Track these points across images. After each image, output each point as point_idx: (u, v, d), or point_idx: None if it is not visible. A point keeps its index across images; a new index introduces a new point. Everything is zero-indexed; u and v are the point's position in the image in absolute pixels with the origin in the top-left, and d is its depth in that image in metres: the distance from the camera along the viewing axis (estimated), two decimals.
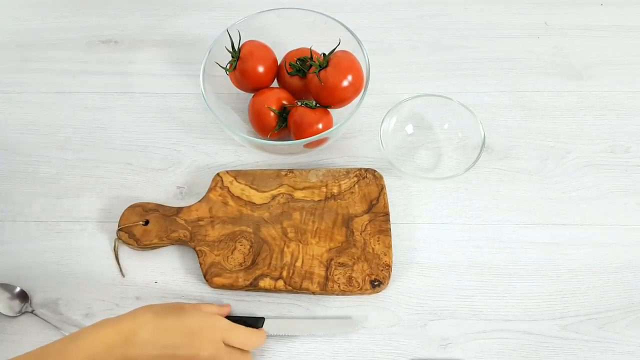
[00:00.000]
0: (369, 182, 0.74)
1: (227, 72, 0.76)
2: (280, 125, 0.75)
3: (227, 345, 0.59)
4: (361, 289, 0.67)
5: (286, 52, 0.79)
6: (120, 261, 0.72)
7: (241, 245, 0.70)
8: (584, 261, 0.71)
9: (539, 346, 0.66)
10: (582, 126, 0.81)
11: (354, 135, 0.81)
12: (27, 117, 0.84)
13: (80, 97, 0.73)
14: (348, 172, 0.75)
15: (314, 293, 0.68)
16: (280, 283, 0.68)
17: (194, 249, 0.70)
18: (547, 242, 0.72)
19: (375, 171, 0.75)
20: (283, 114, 0.75)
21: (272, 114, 0.74)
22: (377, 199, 0.73)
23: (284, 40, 0.80)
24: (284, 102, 0.75)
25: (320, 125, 0.73)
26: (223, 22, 0.85)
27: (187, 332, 0.56)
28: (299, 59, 0.77)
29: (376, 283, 0.68)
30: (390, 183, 0.76)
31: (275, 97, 0.75)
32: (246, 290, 0.69)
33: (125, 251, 0.72)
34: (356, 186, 0.74)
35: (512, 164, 0.78)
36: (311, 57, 0.76)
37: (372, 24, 0.92)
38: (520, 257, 0.71)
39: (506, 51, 0.88)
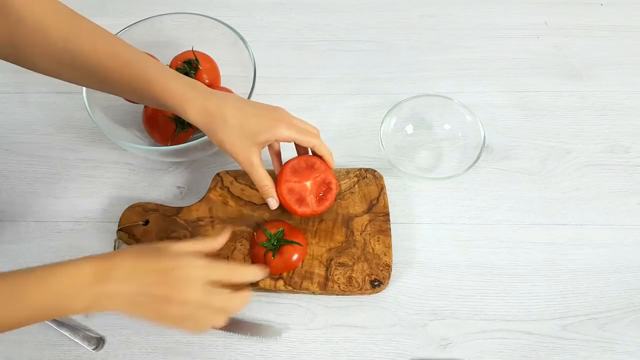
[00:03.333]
0: (369, 182, 0.74)
1: None
2: (181, 130, 0.74)
3: (213, 285, 0.55)
4: (361, 289, 0.67)
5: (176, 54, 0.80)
6: None
7: (241, 245, 0.70)
8: (584, 261, 0.71)
9: (539, 346, 0.66)
10: (582, 126, 0.81)
11: (354, 135, 0.81)
12: (27, 117, 0.84)
13: (81, 97, 0.73)
14: (348, 172, 0.75)
15: (314, 293, 0.68)
16: (280, 283, 0.68)
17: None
18: (547, 242, 0.72)
19: (375, 171, 0.75)
20: (180, 119, 0.74)
21: (167, 121, 0.73)
22: (377, 199, 0.73)
23: (176, 43, 0.81)
24: None
25: None
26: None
27: (162, 271, 0.54)
28: (184, 62, 0.77)
29: (376, 283, 0.68)
30: (390, 183, 0.76)
31: None
32: None
33: None
34: (356, 186, 0.74)
35: (512, 164, 0.78)
36: (196, 59, 0.77)
37: (372, 24, 0.92)
38: (520, 257, 0.71)
39: (506, 51, 0.88)
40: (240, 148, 0.63)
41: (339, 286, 0.68)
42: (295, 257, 0.67)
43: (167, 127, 0.74)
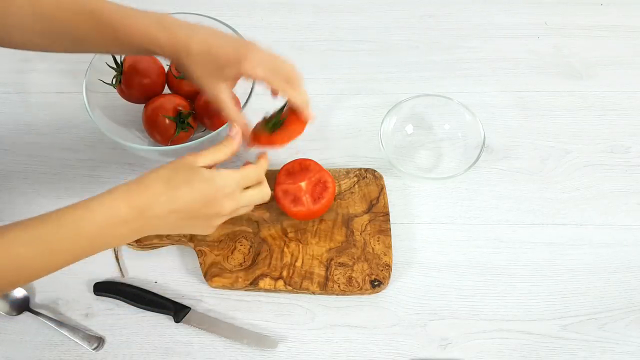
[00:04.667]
0: (369, 182, 0.74)
1: (114, 87, 0.75)
2: (181, 130, 0.73)
3: (243, 189, 0.59)
4: (361, 289, 0.67)
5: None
6: (120, 261, 0.72)
7: (241, 245, 0.70)
8: (584, 261, 0.71)
9: (539, 346, 0.66)
10: (582, 126, 0.81)
11: (354, 135, 0.81)
12: (27, 117, 0.84)
13: (80, 97, 0.73)
14: (348, 172, 0.75)
15: (314, 293, 0.68)
16: (280, 283, 0.68)
17: (194, 249, 0.70)
18: (547, 242, 0.72)
19: (375, 171, 0.75)
20: (180, 119, 0.73)
21: (167, 121, 0.73)
22: (377, 198, 0.73)
23: None
24: (179, 107, 0.73)
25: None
26: None
27: (202, 198, 0.55)
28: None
29: (376, 283, 0.68)
30: (390, 183, 0.76)
31: (170, 104, 0.73)
32: (246, 290, 0.69)
33: (125, 251, 0.72)
34: (356, 186, 0.74)
35: (512, 164, 0.78)
36: None
37: (372, 24, 0.92)
38: (520, 257, 0.71)
39: (506, 51, 0.88)
40: (207, 82, 0.60)
41: (339, 286, 0.67)
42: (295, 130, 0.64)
43: (167, 127, 0.74)
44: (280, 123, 0.64)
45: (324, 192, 0.69)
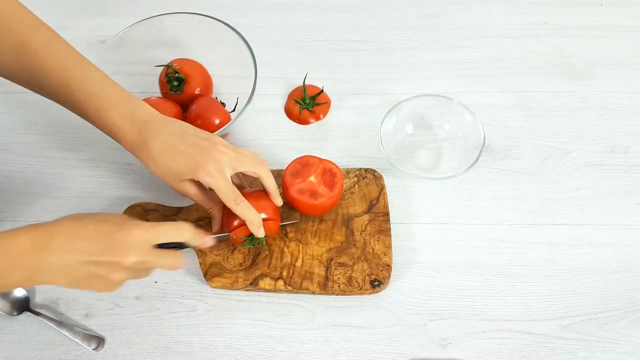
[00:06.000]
0: (369, 182, 0.74)
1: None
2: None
3: (155, 247, 0.55)
4: (361, 289, 0.67)
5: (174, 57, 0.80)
6: None
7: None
8: (584, 261, 0.71)
9: (539, 346, 0.66)
10: (582, 126, 0.81)
11: (354, 135, 0.81)
12: (27, 117, 0.84)
13: None
14: (348, 172, 0.75)
15: (313, 293, 0.68)
16: (280, 283, 0.68)
17: (194, 249, 0.70)
18: (547, 242, 0.72)
19: (375, 171, 0.75)
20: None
21: None
22: (377, 199, 0.73)
23: (176, 43, 0.81)
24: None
25: (217, 121, 0.75)
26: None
27: (106, 236, 0.51)
28: (169, 76, 0.78)
29: (376, 283, 0.68)
30: (390, 183, 0.76)
31: (169, 109, 0.76)
32: (246, 290, 0.69)
33: None
34: (356, 186, 0.74)
35: (512, 164, 0.78)
36: (176, 75, 0.77)
37: (372, 24, 0.92)
38: (520, 257, 0.71)
39: (506, 51, 0.88)
40: (168, 180, 0.62)
41: (339, 286, 0.68)
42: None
43: None
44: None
45: (334, 178, 0.70)
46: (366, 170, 0.75)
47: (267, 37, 0.90)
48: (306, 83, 0.83)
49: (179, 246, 0.59)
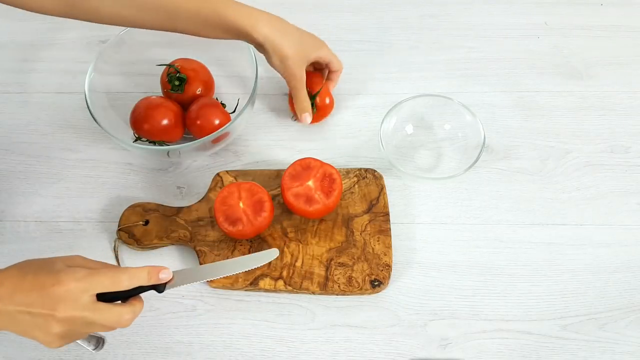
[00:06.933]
0: (369, 182, 0.74)
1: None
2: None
3: (98, 300, 0.52)
4: (361, 289, 0.67)
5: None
6: (120, 261, 0.72)
7: (241, 245, 0.70)
8: (584, 261, 0.71)
9: (539, 346, 0.66)
10: (582, 126, 0.81)
11: (354, 135, 0.81)
12: (27, 117, 0.84)
13: (81, 97, 0.73)
14: (348, 172, 0.75)
15: (313, 293, 0.68)
16: (280, 283, 0.68)
17: (194, 249, 0.70)
18: (547, 242, 0.72)
19: (375, 171, 0.75)
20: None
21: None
22: (377, 199, 0.73)
23: (176, 43, 0.80)
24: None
25: (217, 121, 0.75)
26: None
27: (41, 289, 0.50)
28: (171, 76, 0.78)
29: (376, 283, 0.68)
30: (390, 183, 0.76)
31: (169, 108, 0.76)
32: (246, 290, 0.69)
33: (125, 251, 0.72)
34: (356, 186, 0.74)
35: (512, 164, 0.78)
36: (178, 74, 0.77)
37: (372, 24, 0.92)
38: (520, 257, 0.71)
39: (506, 51, 0.88)
40: (297, 64, 0.71)
41: (339, 286, 0.68)
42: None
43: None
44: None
45: (332, 184, 0.69)
46: (366, 170, 0.75)
47: None
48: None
49: (143, 289, 0.56)
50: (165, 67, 0.78)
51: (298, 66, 0.72)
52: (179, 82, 0.77)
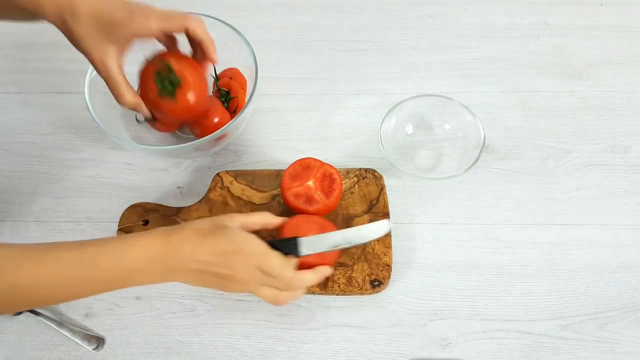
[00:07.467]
0: (369, 182, 0.74)
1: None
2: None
3: (263, 272, 0.57)
4: (361, 289, 0.67)
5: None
6: None
7: None
8: (584, 261, 0.71)
9: (539, 346, 0.66)
10: (582, 126, 0.81)
11: (354, 135, 0.81)
12: (27, 117, 0.84)
13: (80, 97, 0.73)
14: (348, 172, 0.75)
15: (313, 293, 0.68)
16: None
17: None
18: (547, 242, 0.72)
19: (375, 171, 0.75)
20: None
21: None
22: (377, 199, 0.73)
23: None
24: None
25: (216, 120, 0.74)
26: None
27: (221, 253, 0.55)
28: (159, 76, 0.65)
29: (376, 283, 0.68)
30: (390, 183, 0.76)
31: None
32: None
33: None
34: (356, 186, 0.74)
35: (512, 164, 0.78)
36: (171, 74, 0.64)
37: (372, 24, 0.92)
38: (520, 257, 0.71)
39: (506, 51, 0.88)
40: (93, 45, 0.56)
41: (339, 286, 0.68)
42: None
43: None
44: (178, 82, 0.62)
45: (332, 184, 0.69)
46: (366, 170, 0.75)
47: (267, 37, 0.90)
48: (306, 82, 0.83)
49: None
50: (150, 61, 0.66)
51: (94, 47, 0.57)
52: (172, 85, 0.64)
